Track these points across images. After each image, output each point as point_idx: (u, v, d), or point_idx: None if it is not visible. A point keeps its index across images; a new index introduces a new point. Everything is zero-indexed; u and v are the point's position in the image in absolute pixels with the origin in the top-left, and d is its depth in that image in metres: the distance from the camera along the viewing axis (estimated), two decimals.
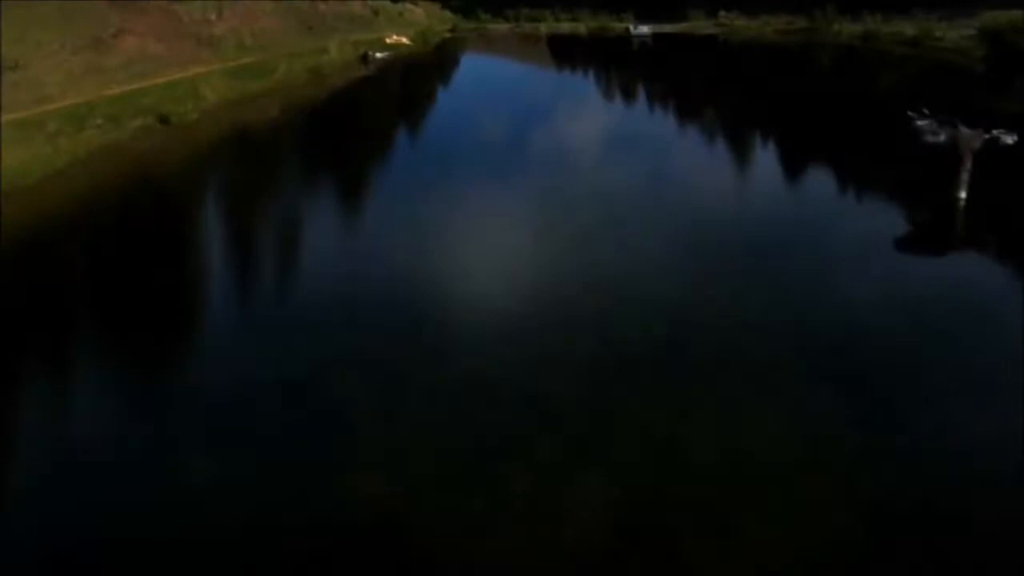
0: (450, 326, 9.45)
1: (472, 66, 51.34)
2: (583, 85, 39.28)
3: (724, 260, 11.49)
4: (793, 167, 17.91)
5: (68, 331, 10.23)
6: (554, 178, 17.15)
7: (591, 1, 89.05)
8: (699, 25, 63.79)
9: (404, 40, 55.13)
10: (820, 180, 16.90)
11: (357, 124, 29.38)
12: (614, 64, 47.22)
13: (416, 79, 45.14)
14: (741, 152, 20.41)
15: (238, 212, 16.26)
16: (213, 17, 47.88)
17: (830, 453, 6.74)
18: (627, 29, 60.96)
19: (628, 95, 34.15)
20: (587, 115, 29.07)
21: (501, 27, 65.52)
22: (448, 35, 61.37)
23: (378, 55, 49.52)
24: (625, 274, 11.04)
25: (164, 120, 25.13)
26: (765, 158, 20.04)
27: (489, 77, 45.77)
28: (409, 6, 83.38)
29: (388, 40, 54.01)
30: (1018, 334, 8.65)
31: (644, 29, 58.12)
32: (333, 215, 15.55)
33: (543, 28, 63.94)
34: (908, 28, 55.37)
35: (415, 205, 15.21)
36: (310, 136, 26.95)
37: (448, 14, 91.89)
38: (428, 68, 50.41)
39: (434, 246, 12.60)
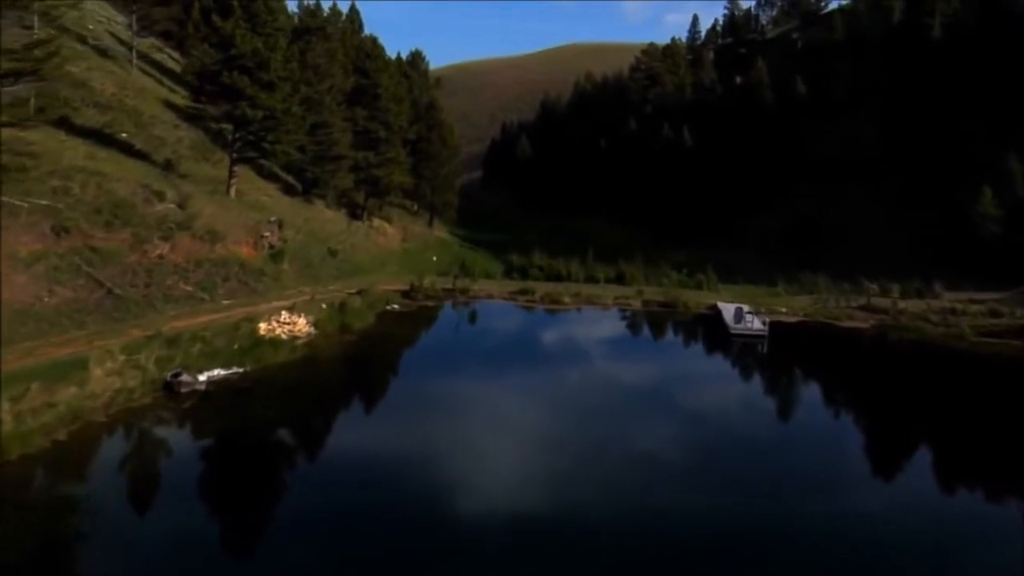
0: None
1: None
2: None
3: None
4: None
5: None
6: None
7: (644, 229, 64.97)
8: (827, 308, 37.34)
9: (301, 325, 28.46)
10: None
11: None
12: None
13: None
14: None
15: None
16: None
17: None
18: (717, 309, 34.86)
19: None
20: None
21: (495, 288, 38.75)
22: (395, 307, 34.54)
23: (204, 376, 22.38)
24: None
25: None
26: None
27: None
28: (379, 223, 58.81)
29: (264, 326, 27.08)
30: None
31: (753, 320, 31.58)
32: None
33: (567, 297, 37.08)
34: None
35: None
36: None
37: (442, 236, 68.19)
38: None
39: None
